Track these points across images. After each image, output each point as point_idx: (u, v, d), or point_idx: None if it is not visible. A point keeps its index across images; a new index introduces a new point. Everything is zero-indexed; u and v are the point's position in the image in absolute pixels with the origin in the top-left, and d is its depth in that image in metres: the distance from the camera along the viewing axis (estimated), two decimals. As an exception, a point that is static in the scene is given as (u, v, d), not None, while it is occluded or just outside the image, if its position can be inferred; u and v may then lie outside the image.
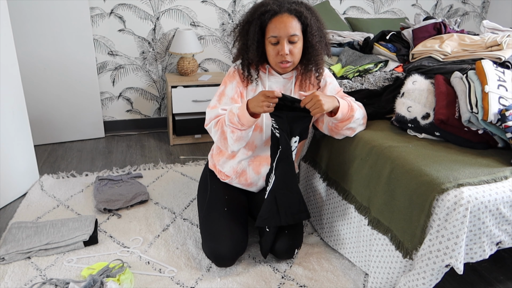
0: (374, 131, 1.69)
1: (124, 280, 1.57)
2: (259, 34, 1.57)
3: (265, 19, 1.55)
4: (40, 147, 2.83)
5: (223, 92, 1.69)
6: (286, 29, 1.53)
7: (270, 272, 1.70)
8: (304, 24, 1.56)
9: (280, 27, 1.53)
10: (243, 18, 1.64)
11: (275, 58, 1.59)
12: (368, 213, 1.57)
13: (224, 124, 1.58)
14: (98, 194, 2.20)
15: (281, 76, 1.70)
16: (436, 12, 3.68)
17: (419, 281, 1.34)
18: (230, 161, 1.77)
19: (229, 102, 1.66)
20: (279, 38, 1.54)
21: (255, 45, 1.58)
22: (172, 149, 2.90)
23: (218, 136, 1.63)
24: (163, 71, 3.12)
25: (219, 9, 3.07)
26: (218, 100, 1.68)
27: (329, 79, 1.76)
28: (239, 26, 1.65)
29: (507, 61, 1.74)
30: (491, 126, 1.48)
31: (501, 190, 1.32)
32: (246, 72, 1.66)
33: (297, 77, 1.71)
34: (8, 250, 1.73)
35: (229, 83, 1.69)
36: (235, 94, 1.67)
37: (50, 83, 2.75)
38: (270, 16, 1.54)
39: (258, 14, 1.56)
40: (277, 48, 1.57)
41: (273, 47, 1.57)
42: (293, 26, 1.54)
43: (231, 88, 1.68)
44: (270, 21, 1.55)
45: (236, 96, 1.67)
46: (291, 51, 1.57)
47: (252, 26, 1.57)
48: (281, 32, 1.53)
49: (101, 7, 2.84)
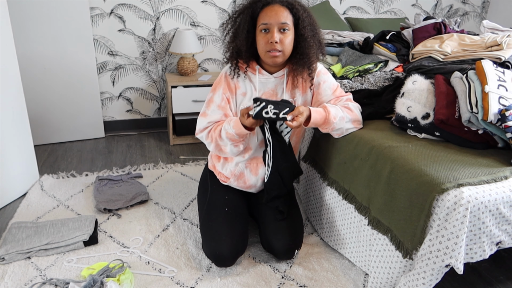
0: (374, 131, 1.69)
1: (124, 280, 1.57)
2: (249, 23, 1.57)
3: (256, 8, 1.56)
4: (40, 147, 2.83)
5: (212, 99, 1.69)
6: (277, 17, 1.53)
7: (270, 272, 1.70)
8: (296, 16, 1.56)
9: (271, 15, 1.53)
10: (234, 10, 1.65)
11: (265, 46, 1.56)
12: (368, 213, 1.57)
13: (219, 138, 1.63)
14: (98, 194, 2.20)
15: (272, 75, 1.68)
16: (436, 12, 3.68)
17: (419, 281, 1.34)
18: (228, 164, 1.78)
19: (217, 109, 1.67)
20: (269, 26, 1.54)
21: (244, 33, 1.57)
22: (172, 149, 2.90)
23: (213, 147, 1.70)
24: (163, 71, 3.12)
25: (219, 9, 3.07)
26: (207, 107, 1.70)
27: (324, 76, 1.74)
28: (230, 18, 1.65)
29: (507, 61, 1.74)
30: (491, 126, 1.48)
31: (501, 190, 1.32)
32: (234, 65, 1.65)
33: (289, 74, 1.69)
34: (8, 250, 1.73)
35: (217, 90, 1.69)
36: (222, 101, 1.68)
37: (50, 83, 2.75)
38: (261, 6, 1.56)
39: (250, 3, 1.58)
40: (267, 37, 1.55)
41: (263, 35, 1.56)
42: (284, 15, 1.54)
43: (218, 95, 1.68)
44: (262, 10, 1.56)
45: (223, 104, 1.68)
46: (281, 40, 1.55)
47: (243, 15, 1.59)
48: (271, 19, 1.53)
49: (101, 7, 2.84)
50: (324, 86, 1.72)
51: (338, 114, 1.64)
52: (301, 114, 1.53)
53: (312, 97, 1.75)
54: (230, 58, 1.66)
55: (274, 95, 1.70)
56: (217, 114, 1.68)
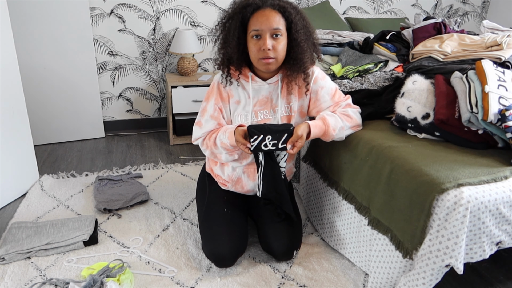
0: (374, 131, 1.69)
1: (124, 280, 1.57)
2: (240, 29, 1.50)
3: (246, 13, 1.48)
4: (40, 147, 2.83)
5: (205, 108, 1.67)
6: (268, 23, 1.46)
7: (270, 272, 1.70)
8: (288, 20, 1.50)
9: (262, 20, 1.46)
10: (223, 14, 1.57)
11: (257, 54, 1.50)
12: (368, 213, 1.57)
13: (214, 147, 1.64)
14: (98, 194, 2.20)
15: (266, 82, 1.63)
16: (436, 12, 3.68)
17: (419, 281, 1.34)
18: (225, 168, 1.77)
19: (210, 119, 1.65)
20: (261, 32, 1.47)
21: (235, 40, 1.50)
22: (172, 149, 2.90)
23: (208, 153, 1.71)
24: (163, 71, 3.12)
25: (219, 9, 3.07)
26: (201, 116, 1.69)
27: (321, 82, 1.67)
28: (219, 23, 1.58)
29: (507, 61, 1.74)
30: (491, 126, 1.48)
31: (501, 190, 1.32)
32: (226, 73, 1.60)
33: (283, 80, 1.63)
34: (8, 250, 1.73)
35: (209, 100, 1.66)
36: (215, 112, 1.65)
37: (50, 83, 2.75)
38: (252, 10, 1.48)
39: (239, 8, 1.50)
40: (259, 43, 1.48)
41: (255, 42, 1.49)
42: (276, 20, 1.47)
43: (210, 105, 1.65)
44: (252, 15, 1.48)
45: (216, 114, 1.65)
46: (274, 47, 1.49)
47: (233, 20, 1.51)
48: (263, 25, 1.46)
49: (101, 7, 2.84)
50: (322, 93, 1.67)
51: (338, 125, 1.61)
52: (301, 138, 1.50)
53: (309, 103, 1.71)
54: (221, 65, 1.59)
55: (269, 102, 1.65)
56: (210, 124, 1.66)
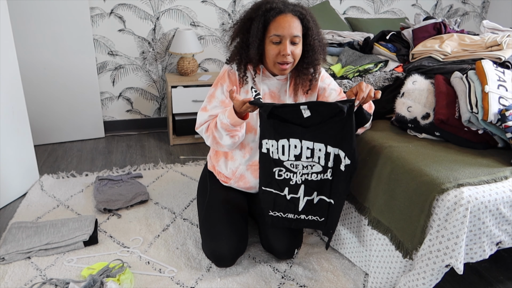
0: (374, 131, 1.69)
1: (124, 280, 1.57)
2: (261, 31, 1.53)
3: (269, 16, 1.51)
4: (40, 147, 2.83)
5: (213, 94, 1.66)
6: (290, 29, 1.50)
7: (270, 272, 1.70)
8: (306, 27, 1.54)
9: (285, 26, 1.50)
10: (244, 15, 1.60)
11: (275, 58, 1.54)
12: (368, 213, 1.57)
13: (215, 130, 1.58)
14: (98, 194, 2.20)
15: (275, 77, 1.66)
16: (436, 12, 3.68)
17: (419, 281, 1.34)
18: (228, 163, 1.76)
19: (219, 105, 1.64)
20: (282, 38, 1.51)
21: (257, 42, 1.53)
22: (172, 149, 2.90)
23: (210, 140, 1.65)
24: (163, 71, 3.12)
25: (219, 9, 3.07)
26: (208, 102, 1.66)
27: (328, 80, 1.74)
28: (239, 23, 1.61)
29: (507, 61, 1.74)
30: (491, 126, 1.48)
31: (501, 190, 1.32)
32: (243, 73, 1.62)
33: (291, 78, 1.68)
34: (8, 250, 1.73)
35: (219, 86, 1.66)
36: (227, 99, 1.64)
37: (50, 83, 2.75)
38: (274, 14, 1.51)
39: (262, 11, 1.52)
40: (279, 48, 1.52)
41: (273, 46, 1.53)
42: (296, 27, 1.52)
43: (221, 91, 1.65)
44: (274, 19, 1.51)
45: (227, 101, 1.64)
46: (293, 52, 1.54)
47: (254, 22, 1.53)
48: (285, 31, 1.50)
49: (101, 7, 2.84)
50: (329, 90, 1.72)
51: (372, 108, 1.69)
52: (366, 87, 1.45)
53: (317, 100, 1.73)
54: (238, 65, 1.62)
55: (276, 97, 1.68)
56: (218, 109, 1.63)
